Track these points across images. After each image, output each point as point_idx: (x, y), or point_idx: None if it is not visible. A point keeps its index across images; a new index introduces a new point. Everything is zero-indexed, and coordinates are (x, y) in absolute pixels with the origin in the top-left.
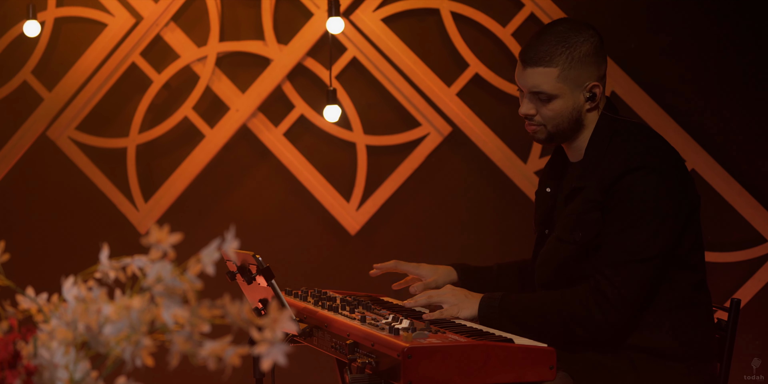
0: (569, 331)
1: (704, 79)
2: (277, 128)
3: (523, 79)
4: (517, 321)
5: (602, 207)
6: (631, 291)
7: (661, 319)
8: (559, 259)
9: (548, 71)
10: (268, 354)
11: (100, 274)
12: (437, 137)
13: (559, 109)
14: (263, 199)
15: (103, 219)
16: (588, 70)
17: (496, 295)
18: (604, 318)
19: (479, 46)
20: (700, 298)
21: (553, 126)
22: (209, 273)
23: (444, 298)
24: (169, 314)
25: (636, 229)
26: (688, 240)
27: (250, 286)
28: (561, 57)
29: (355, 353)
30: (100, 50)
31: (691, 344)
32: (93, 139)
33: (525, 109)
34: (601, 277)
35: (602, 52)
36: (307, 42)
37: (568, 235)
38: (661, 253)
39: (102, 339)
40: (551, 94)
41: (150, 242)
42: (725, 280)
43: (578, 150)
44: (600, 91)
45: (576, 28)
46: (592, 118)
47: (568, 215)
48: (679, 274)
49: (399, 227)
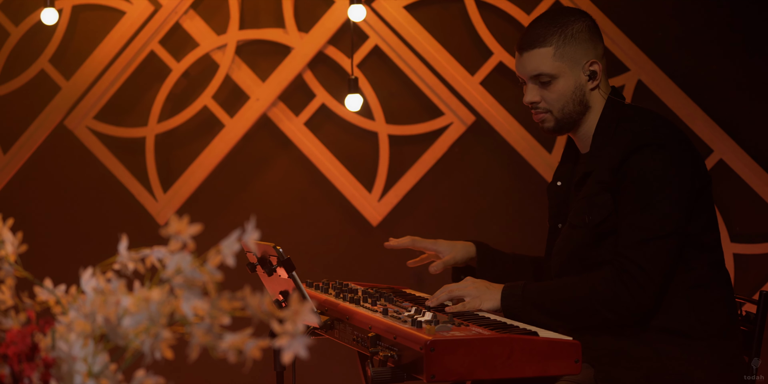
0: (597, 315)
1: (732, 67)
2: (297, 117)
3: (521, 66)
4: (541, 308)
5: (612, 188)
6: (655, 268)
7: (679, 299)
8: (572, 245)
9: (544, 51)
10: (289, 347)
11: (119, 265)
12: (460, 127)
13: (562, 90)
14: (284, 190)
15: (121, 209)
16: (583, 47)
17: (518, 284)
18: (632, 299)
19: (503, 33)
20: (718, 277)
21: (558, 110)
22: (229, 264)
23: (465, 291)
24: (189, 306)
25: (651, 206)
26: (702, 219)
27: (271, 277)
28: (554, 36)
29: (377, 346)
30: (118, 38)
31: (711, 322)
32: (111, 129)
33: (529, 97)
34: (623, 258)
35: (597, 32)
36: (329, 30)
37: (579, 220)
38: (678, 227)
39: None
40: (551, 74)
41: (169, 233)
42: (754, 273)
43: (586, 138)
44: (599, 68)
45: (565, 10)
46: (596, 99)
47: (579, 200)
48: (695, 254)
49: (421, 218)
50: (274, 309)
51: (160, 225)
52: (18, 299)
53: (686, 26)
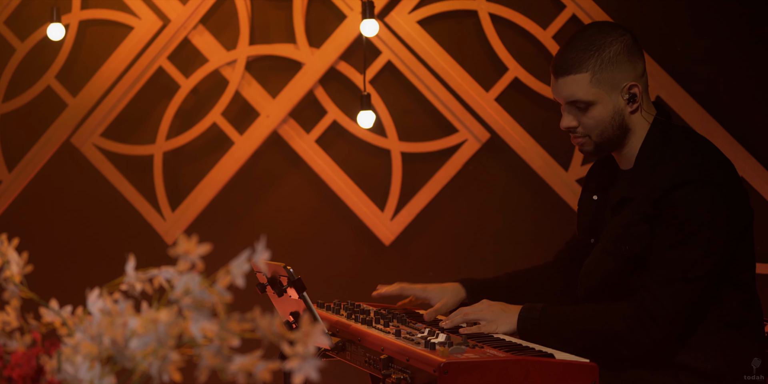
0: (610, 349)
1: (752, 82)
2: (308, 135)
3: (557, 91)
4: (558, 336)
5: (651, 220)
6: (676, 310)
7: (709, 339)
8: (604, 272)
9: (579, 77)
10: (299, 369)
11: (126, 286)
12: (475, 144)
13: (599, 116)
14: (294, 209)
15: (128, 229)
16: (622, 70)
17: (536, 307)
18: (646, 335)
19: (519, 49)
20: (750, 317)
21: (597, 135)
22: (239, 285)
23: (481, 314)
24: (198, 328)
25: (687, 245)
26: (740, 258)
27: (281, 298)
28: (590, 61)
29: (390, 368)
30: (125, 54)
31: (739, 365)
32: (118, 146)
33: (566, 122)
34: (647, 293)
35: (636, 50)
36: (340, 45)
37: (614, 248)
38: (711, 271)
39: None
40: (588, 101)
41: (178, 253)
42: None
43: (628, 157)
44: (639, 90)
45: (603, 29)
46: (636, 120)
47: (616, 227)
48: (729, 292)
49: (435, 237)
50: (284, 330)
51: (168, 244)
52: (23, 321)
53: (706, 41)
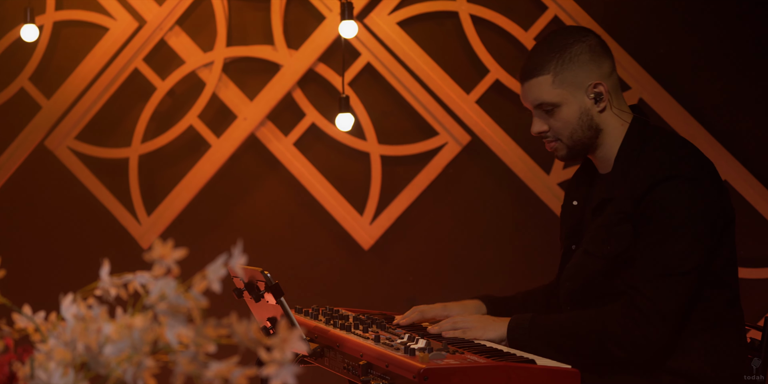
0: (605, 351)
1: (737, 84)
2: (286, 137)
3: (524, 97)
4: (548, 342)
5: (633, 219)
6: (669, 306)
7: (692, 340)
8: (587, 274)
9: (542, 79)
10: (277, 375)
11: (101, 291)
12: (455, 147)
13: (566, 117)
14: (272, 213)
15: (103, 233)
16: (585, 69)
17: (525, 316)
18: (642, 335)
19: (500, 50)
20: (732, 317)
21: (567, 137)
22: (215, 290)
23: (470, 323)
24: (173, 334)
25: (672, 240)
26: (723, 255)
27: (259, 303)
28: (551, 62)
29: (369, 375)
30: (101, 56)
31: (722, 366)
32: (93, 149)
33: (536, 128)
34: (636, 292)
35: (601, 50)
36: (319, 47)
37: (597, 249)
38: (698, 265)
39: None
40: (553, 103)
41: (153, 258)
42: (759, 298)
43: (606, 160)
44: (605, 88)
45: (565, 32)
46: (607, 120)
47: (597, 228)
48: (712, 291)
49: (415, 242)
50: (261, 336)
51: (143, 249)
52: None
53: (689, 43)
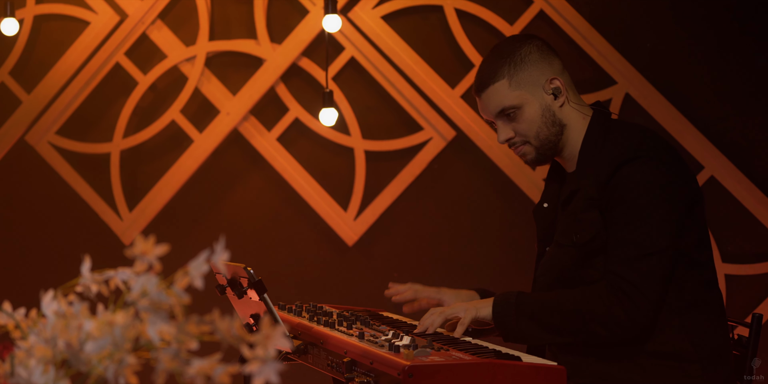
0: (589, 331)
1: (725, 80)
2: (270, 133)
3: (485, 108)
4: (533, 319)
5: (600, 204)
6: (649, 285)
7: (671, 320)
8: (560, 266)
9: (498, 85)
10: (259, 373)
11: (82, 287)
12: (440, 142)
13: (530, 117)
14: (255, 208)
15: (84, 229)
16: (538, 68)
17: (511, 293)
18: (625, 316)
19: (485, 45)
20: (710, 297)
21: (534, 137)
22: (197, 286)
23: (458, 308)
24: (155, 330)
25: (642, 220)
26: (694, 236)
27: (241, 300)
28: (503, 67)
29: (353, 372)
30: (82, 50)
31: (704, 345)
32: (74, 145)
33: (503, 135)
34: (615, 276)
35: (548, 50)
36: (302, 41)
37: (566, 239)
38: (672, 242)
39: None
40: (514, 105)
41: (135, 254)
42: (746, 294)
43: (572, 158)
44: (561, 83)
45: (509, 40)
46: (568, 114)
47: (566, 218)
48: (688, 272)
49: (399, 238)
50: (244, 333)
51: (125, 245)
52: None
53: (676, 38)
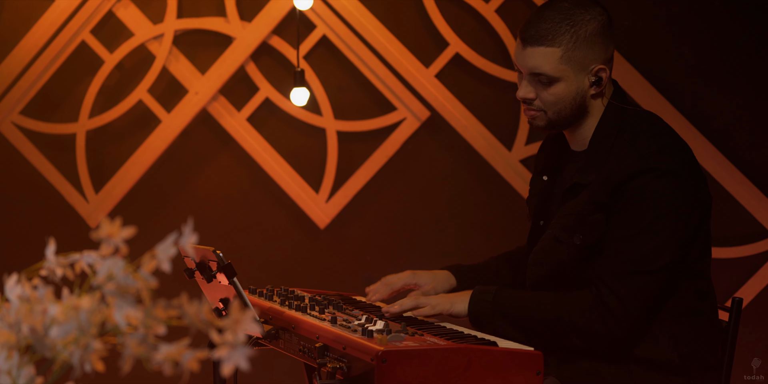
0: (566, 340)
1: (706, 59)
2: (239, 113)
3: (522, 60)
4: (510, 320)
5: (607, 209)
6: (636, 304)
7: (661, 329)
8: (555, 262)
9: (550, 51)
10: (229, 358)
11: (46, 271)
12: (414, 122)
13: (561, 94)
14: (224, 190)
15: (49, 211)
16: (594, 52)
17: (489, 290)
18: (605, 331)
19: (460, 23)
20: (704, 307)
21: (554, 112)
22: (165, 270)
23: (433, 300)
24: (122, 315)
25: (645, 236)
26: (698, 248)
27: (210, 284)
28: (565, 36)
29: (325, 357)
30: (46, 27)
31: (692, 356)
32: (39, 125)
33: (524, 93)
34: (604, 287)
35: (611, 33)
36: (273, 19)
37: (567, 238)
38: (670, 263)
39: (48, 342)
40: (553, 77)
41: (101, 237)
42: (726, 278)
43: (581, 138)
44: (606, 75)
45: (582, 4)
46: (596, 105)
47: (568, 215)
48: (684, 282)
49: (372, 221)
50: (213, 318)
51: (91, 228)
52: None
53: (655, 16)
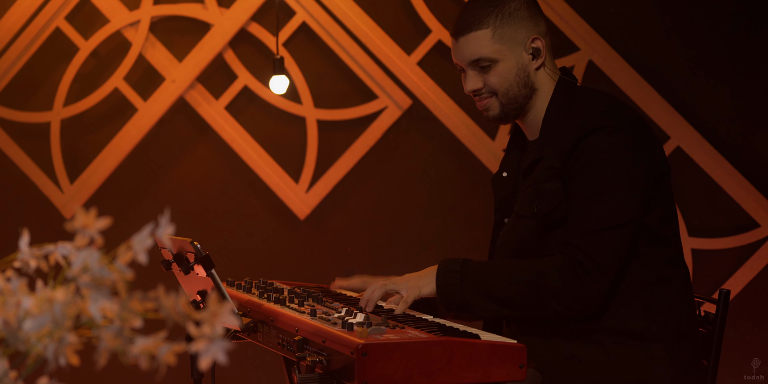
0: (542, 304)
1: (690, 45)
2: (217, 101)
3: (459, 53)
4: (480, 289)
5: (563, 174)
6: (609, 260)
7: (633, 298)
8: (519, 237)
9: (481, 34)
10: (206, 351)
11: (20, 262)
12: (396, 111)
13: (504, 73)
14: (202, 180)
15: (23, 202)
16: (524, 26)
17: (456, 260)
18: (584, 291)
19: (442, 10)
20: (675, 274)
21: (503, 94)
22: (141, 262)
23: (399, 285)
24: (97, 308)
25: (606, 192)
26: (660, 210)
27: (188, 276)
28: (490, 17)
29: (305, 351)
30: (20, 14)
31: (667, 323)
32: (12, 113)
33: (471, 85)
34: (573, 248)
35: (536, 8)
36: (252, 5)
37: (527, 209)
38: (634, 217)
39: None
40: (491, 58)
41: (75, 227)
42: (714, 269)
43: (536, 124)
44: (542, 44)
45: None
46: (542, 80)
47: (527, 188)
48: (651, 248)
49: (353, 211)
50: (190, 310)
51: (66, 218)
52: None
53: (641, 2)
